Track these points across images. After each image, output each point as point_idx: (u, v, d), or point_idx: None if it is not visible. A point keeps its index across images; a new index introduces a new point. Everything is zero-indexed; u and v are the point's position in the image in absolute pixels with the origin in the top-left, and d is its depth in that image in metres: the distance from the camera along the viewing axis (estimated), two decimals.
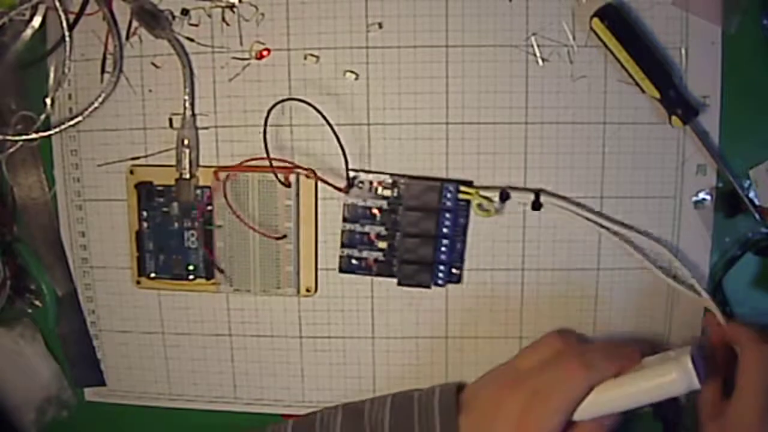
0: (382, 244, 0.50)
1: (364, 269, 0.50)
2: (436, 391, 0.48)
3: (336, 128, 0.47)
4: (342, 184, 0.48)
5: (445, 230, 0.49)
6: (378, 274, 0.50)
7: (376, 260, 0.50)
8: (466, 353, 0.51)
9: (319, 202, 0.50)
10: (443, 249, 0.49)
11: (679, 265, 0.48)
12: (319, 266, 0.51)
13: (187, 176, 0.50)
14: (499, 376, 0.48)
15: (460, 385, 0.49)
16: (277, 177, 0.48)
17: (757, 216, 0.47)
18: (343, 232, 0.50)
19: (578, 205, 0.49)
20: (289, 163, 0.49)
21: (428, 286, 0.50)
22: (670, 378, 0.41)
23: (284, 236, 0.50)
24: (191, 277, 0.52)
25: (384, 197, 0.49)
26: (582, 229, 0.49)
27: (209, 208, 0.50)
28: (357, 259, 0.50)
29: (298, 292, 0.51)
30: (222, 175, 0.49)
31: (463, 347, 0.51)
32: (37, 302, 0.55)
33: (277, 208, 0.50)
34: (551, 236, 0.49)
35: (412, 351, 0.51)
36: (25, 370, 0.55)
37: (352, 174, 0.49)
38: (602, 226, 0.49)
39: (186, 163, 0.50)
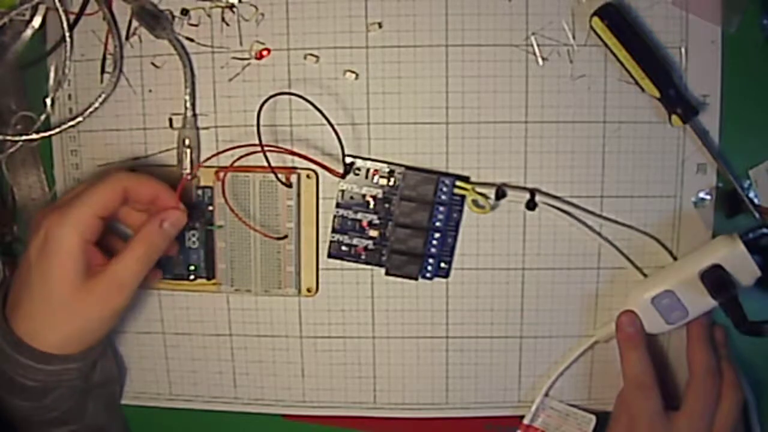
0: (374, 233, 0.50)
1: (353, 256, 0.50)
2: None
3: (336, 127, 0.47)
4: (339, 170, 0.48)
5: (437, 224, 0.49)
6: (366, 262, 0.50)
7: (366, 248, 0.50)
8: (466, 353, 0.51)
9: (320, 202, 0.50)
10: (434, 242, 0.49)
11: None
12: (320, 266, 0.51)
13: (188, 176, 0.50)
14: None
15: None
16: (277, 177, 0.48)
17: (757, 216, 0.47)
18: (335, 217, 0.50)
19: (574, 206, 0.49)
20: (282, 149, 0.49)
21: (415, 278, 0.50)
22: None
23: (285, 236, 0.50)
24: (192, 277, 0.51)
25: (380, 186, 0.49)
26: (582, 228, 0.49)
27: (210, 208, 0.50)
28: (347, 245, 0.50)
29: (299, 292, 0.51)
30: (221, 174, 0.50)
31: (463, 347, 0.51)
32: None
33: (278, 208, 0.50)
34: (551, 235, 0.49)
35: (412, 351, 0.51)
36: None
37: (350, 160, 0.49)
38: (599, 226, 0.49)
39: (187, 163, 0.50)
